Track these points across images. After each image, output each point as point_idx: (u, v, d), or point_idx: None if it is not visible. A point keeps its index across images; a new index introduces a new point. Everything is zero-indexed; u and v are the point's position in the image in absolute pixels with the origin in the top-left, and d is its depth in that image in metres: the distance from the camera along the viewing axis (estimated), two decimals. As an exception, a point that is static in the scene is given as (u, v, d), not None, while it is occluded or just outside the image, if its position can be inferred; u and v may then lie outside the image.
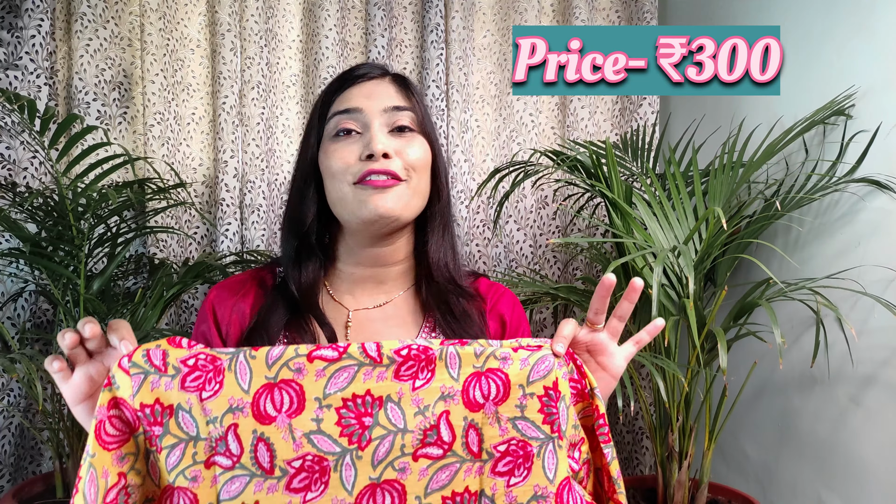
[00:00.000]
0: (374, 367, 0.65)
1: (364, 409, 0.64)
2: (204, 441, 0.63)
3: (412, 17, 1.93)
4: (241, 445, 0.63)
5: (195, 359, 0.64)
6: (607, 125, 2.05)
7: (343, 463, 0.64)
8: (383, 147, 0.77)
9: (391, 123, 0.80)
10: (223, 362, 0.64)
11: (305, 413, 0.64)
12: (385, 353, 0.65)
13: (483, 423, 0.66)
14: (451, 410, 0.66)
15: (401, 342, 0.66)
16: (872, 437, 1.42)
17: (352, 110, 0.80)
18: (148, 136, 1.73)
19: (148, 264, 1.70)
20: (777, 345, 1.20)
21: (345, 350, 0.65)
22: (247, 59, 1.79)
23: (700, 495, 1.50)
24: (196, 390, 0.63)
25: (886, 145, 1.38)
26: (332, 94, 0.83)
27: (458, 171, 1.92)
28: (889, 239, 1.38)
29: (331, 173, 0.79)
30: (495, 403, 0.66)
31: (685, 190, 1.47)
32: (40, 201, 1.48)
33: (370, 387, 0.65)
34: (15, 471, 1.64)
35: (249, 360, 0.64)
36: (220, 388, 0.63)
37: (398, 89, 0.83)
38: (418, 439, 0.65)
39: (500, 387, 0.66)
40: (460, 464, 0.66)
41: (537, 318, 1.98)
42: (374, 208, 0.76)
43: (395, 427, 0.65)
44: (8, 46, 1.61)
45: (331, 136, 0.81)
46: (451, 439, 0.65)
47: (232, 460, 0.63)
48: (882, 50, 1.39)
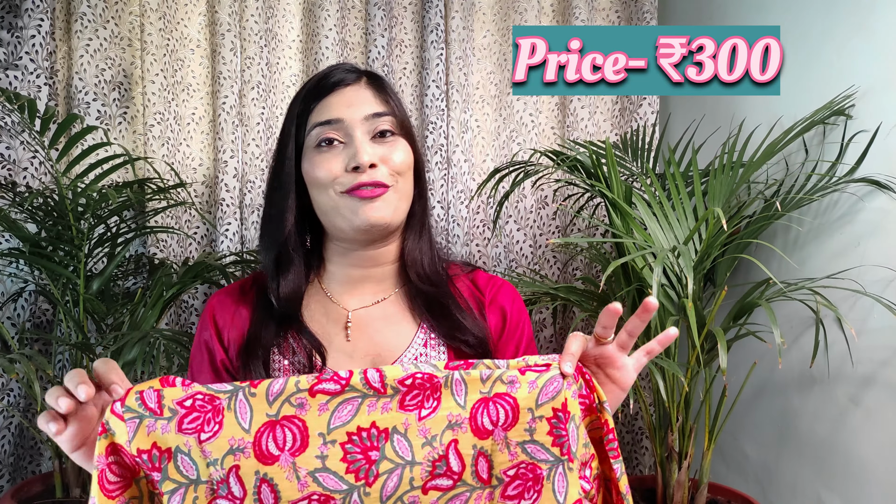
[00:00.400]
0: (379, 398, 0.63)
1: (370, 442, 0.63)
2: (205, 484, 0.62)
3: (412, 17, 1.93)
4: (243, 488, 0.61)
5: (192, 399, 0.62)
6: (607, 125, 2.05)
7: (350, 500, 0.62)
8: (369, 158, 0.77)
9: (373, 130, 0.81)
10: (222, 402, 0.62)
11: (309, 450, 0.62)
12: (389, 384, 0.63)
13: (493, 450, 0.65)
14: (459, 439, 0.64)
15: (404, 370, 0.64)
16: (872, 437, 1.42)
17: (333, 121, 0.80)
18: (148, 136, 1.73)
19: (148, 264, 1.70)
20: (777, 345, 1.20)
21: (347, 382, 0.63)
22: (247, 59, 1.79)
23: (700, 495, 1.50)
24: (194, 432, 0.61)
25: (886, 145, 1.38)
26: (308, 102, 0.83)
27: (458, 171, 1.92)
28: (889, 239, 1.38)
29: (318, 184, 0.80)
30: (504, 429, 0.65)
31: (685, 190, 1.47)
32: (40, 201, 1.48)
33: (375, 419, 0.63)
34: (14, 471, 1.64)
35: (249, 397, 0.62)
36: (219, 428, 0.62)
37: (375, 93, 0.83)
38: (427, 471, 0.63)
39: (508, 412, 0.64)
40: (470, 492, 0.64)
41: (537, 317, 1.98)
42: (366, 219, 0.78)
43: (402, 460, 0.63)
44: (8, 46, 1.61)
45: (313, 146, 0.81)
46: (460, 469, 0.64)
47: (234, 503, 0.62)
48: (882, 50, 1.39)
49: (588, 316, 1.74)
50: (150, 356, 1.27)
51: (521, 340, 0.88)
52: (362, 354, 0.82)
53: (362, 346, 0.83)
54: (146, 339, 1.30)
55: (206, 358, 0.84)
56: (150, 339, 1.30)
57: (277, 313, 0.82)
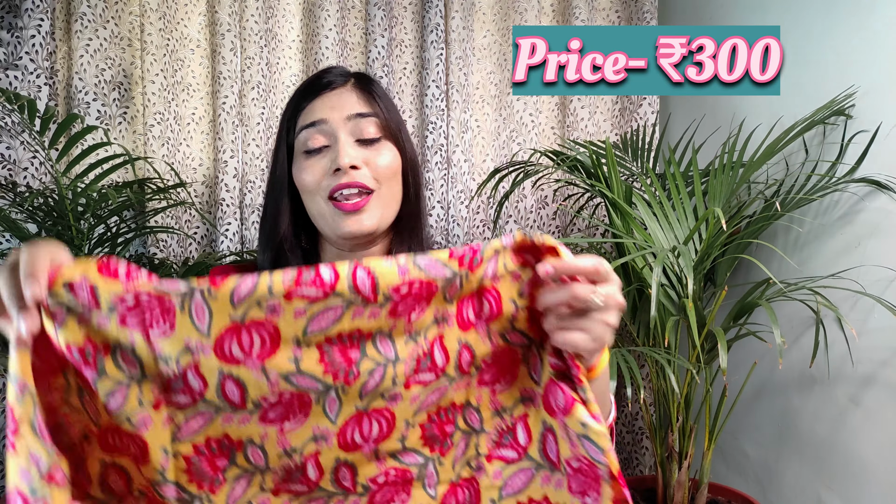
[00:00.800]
0: (367, 305, 0.55)
1: (350, 342, 0.56)
2: (152, 381, 0.54)
3: (412, 17, 1.93)
4: (204, 382, 0.54)
5: (135, 297, 0.52)
6: (607, 125, 2.05)
7: (327, 398, 0.57)
8: (350, 160, 0.78)
9: (357, 132, 0.81)
10: (174, 303, 0.52)
11: (281, 353, 0.55)
12: (381, 291, 0.54)
13: (475, 342, 0.61)
14: (445, 334, 0.60)
15: (400, 273, 0.54)
16: (872, 437, 1.42)
17: (317, 122, 0.81)
18: (148, 136, 1.73)
19: (148, 264, 1.70)
20: (777, 345, 1.20)
21: (332, 288, 0.53)
22: (247, 59, 1.79)
23: (700, 495, 1.50)
24: (140, 328, 0.52)
25: (886, 145, 1.38)
26: (299, 104, 0.84)
27: (458, 171, 1.92)
28: (889, 239, 1.38)
29: (305, 189, 0.81)
30: (487, 321, 0.61)
31: (685, 190, 1.47)
32: (40, 201, 1.48)
33: (360, 325, 0.56)
34: (15, 471, 1.64)
35: (208, 299, 0.52)
36: (171, 329, 0.53)
37: (361, 94, 0.83)
38: (412, 367, 0.58)
39: (492, 304, 0.60)
40: (450, 382, 0.61)
41: (537, 318, 1.98)
42: (350, 231, 0.78)
43: (385, 359, 0.57)
44: (8, 46, 1.61)
45: (301, 150, 0.82)
46: (444, 363, 0.60)
47: (193, 397, 0.55)
48: (882, 50, 1.39)
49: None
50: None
51: None
52: None
53: None
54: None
55: None
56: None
57: None
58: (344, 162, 0.77)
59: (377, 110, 0.82)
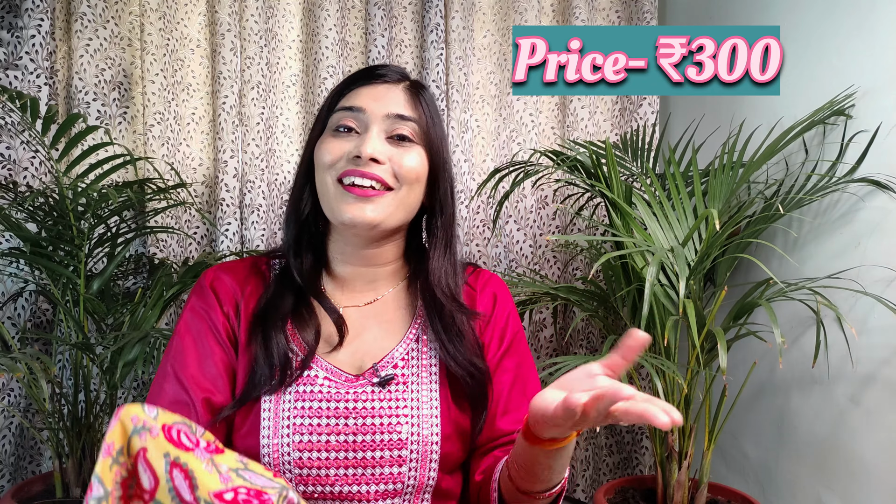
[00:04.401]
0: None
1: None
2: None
3: (412, 16, 1.93)
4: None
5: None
6: (607, 125, 2.05)
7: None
8: (373, 151, 0.77)
9: (391, 130, 0.80)
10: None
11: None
12: (201, 497, 0.53)
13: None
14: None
15: (223, 482, 0.54)
16: (872, 437, 1.42)
17: (355, 109, 0.80)
18: (148, 136, 1.73)
19: (148, 264, 1.70)
20: (777, 345, 1.21)
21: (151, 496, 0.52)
22: (247, 59, 1.79)
23: (700, 495, 1.50)
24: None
25: (886, 145, 1.38)
26: (345, 87, 0.84)
27: (458, 171, 1.92)
28: (889, 239, 1.38)
29: (321, 165, 0.81)
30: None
31: (685, 190, 1.47)
32: (41, 201, 1.48)
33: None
34: (15, 470, 1.64)
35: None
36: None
37: (409, 98, 0.82)
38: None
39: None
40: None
41: (537, 317, 1.98)
42: (350, 217, 0.77)
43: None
44: (8, 46, 1.61)
45: (332, 129, 0.82)
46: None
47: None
48: (882, 50, 1.39)
49: (588, 316, 1.74)
50: (151, 356, 1.27)
51: (507, 332, 0.89)
52: (350, 352, 0.83)
53: (352, 344, 0.83)
54: (146, 339, 1.30)
55: (206, 325, 0.82)
56: (150, 339, 1.30)
57: (296, 289, 0.83)
58: (367, 152, 0.77)
59: (420, 115, 0.82)
